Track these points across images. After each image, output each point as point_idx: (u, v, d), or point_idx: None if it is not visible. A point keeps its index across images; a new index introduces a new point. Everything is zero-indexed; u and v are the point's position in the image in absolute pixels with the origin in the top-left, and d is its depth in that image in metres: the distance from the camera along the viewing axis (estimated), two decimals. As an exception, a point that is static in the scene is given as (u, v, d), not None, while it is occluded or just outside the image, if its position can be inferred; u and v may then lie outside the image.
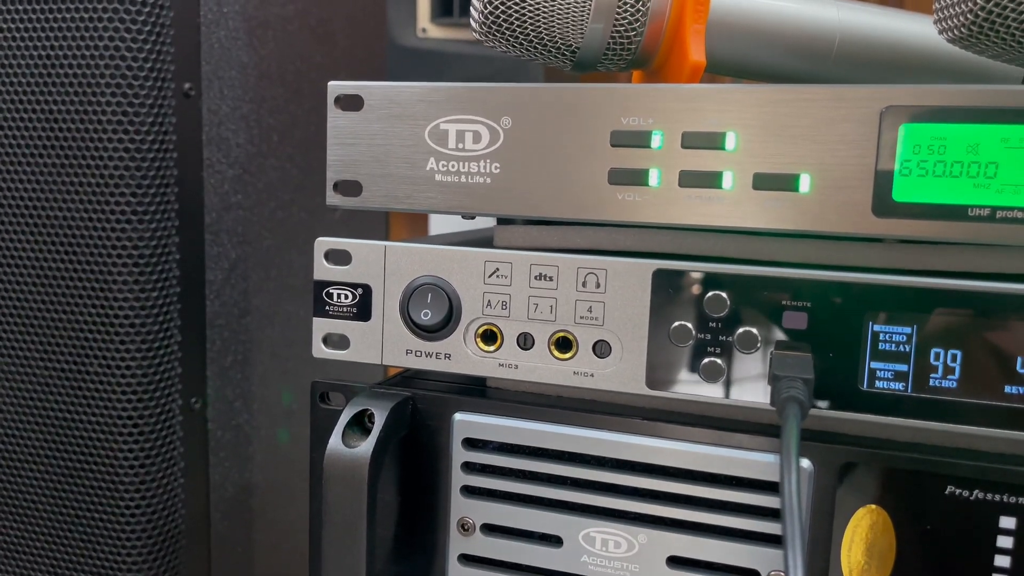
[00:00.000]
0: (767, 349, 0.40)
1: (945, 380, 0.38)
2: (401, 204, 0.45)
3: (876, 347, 0.39)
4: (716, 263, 0.41)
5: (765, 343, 0.40)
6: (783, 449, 0.31)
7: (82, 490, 0.67)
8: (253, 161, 0.77)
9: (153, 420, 0.67)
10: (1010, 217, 0.37)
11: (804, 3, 0.47)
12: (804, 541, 0.29)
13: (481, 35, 0.46)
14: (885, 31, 0.48)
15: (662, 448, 0.42)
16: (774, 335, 0.40)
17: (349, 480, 0.41)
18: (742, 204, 0.40)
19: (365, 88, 0.45)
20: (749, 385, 0.40)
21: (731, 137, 0.39)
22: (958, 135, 0.37)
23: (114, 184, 0.63)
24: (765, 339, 0.40)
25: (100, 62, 0.62)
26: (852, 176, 0.38)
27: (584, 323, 0.43)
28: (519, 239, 0.46)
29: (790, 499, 0.30)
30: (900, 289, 0.38)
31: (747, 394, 0.40)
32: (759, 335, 0.40)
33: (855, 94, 0.38)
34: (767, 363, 0.40)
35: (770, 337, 0.40)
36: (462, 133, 0.43)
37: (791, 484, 0.30)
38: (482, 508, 0.45)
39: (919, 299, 0.38)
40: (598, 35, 0.44)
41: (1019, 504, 0.38)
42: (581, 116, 0.41)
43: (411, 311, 0.45)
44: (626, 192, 0.41)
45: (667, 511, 0.42)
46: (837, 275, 0.39)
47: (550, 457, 0.44)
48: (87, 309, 0.65)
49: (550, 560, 0.44)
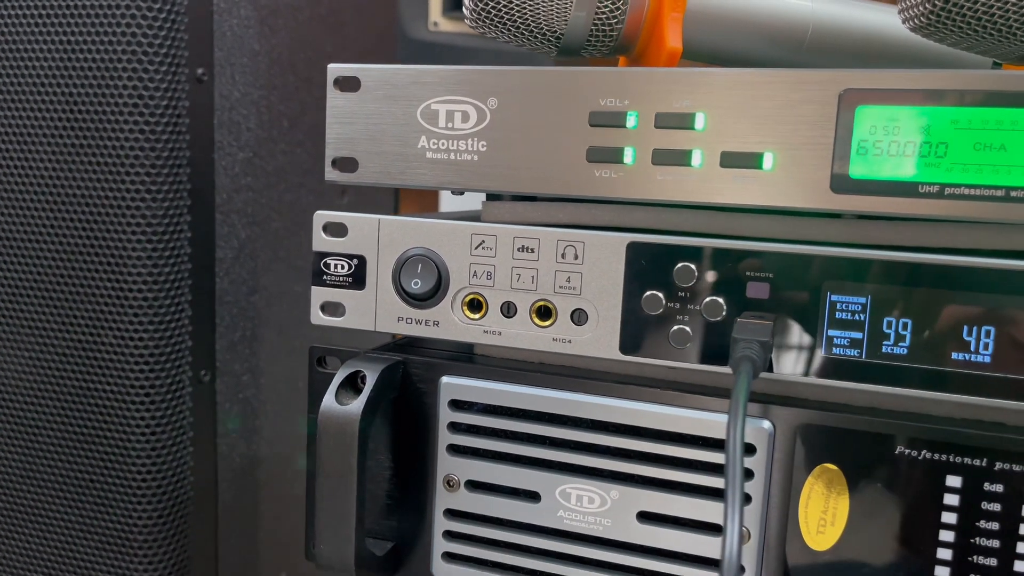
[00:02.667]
0: (733, 317, 0.43)
1: (897, 347, 0.41)
2: (394, 180, 0.48)
3: (834, 316, 0.41)
4: (686, 236, 0.43)
5: (730, 311, 0.43)
6: (732, 402, 0.34)
7: (96, 455, 0.71)
8: (263, 145, 0.80)
9: (164, 390, 0.71)
10: (958, 194, 0.39)
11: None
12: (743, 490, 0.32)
13: (471, 22, 0.49)
14: (856, 21, 0.51)
15: (634, 410, 0.45)
16: (739, 304, 0.42)
17: (341, 435, 0.44)
18: (710, 181, 0.42)
19: (362, 70, 0.48)
20: (715, 351, 0.43)
21: (700, 118, 0.42)
22: (910, 116, 0.39)
23: (129, 164, 0.67)
24: (730, 308, 0.43)
25: (117, 47, 0.65)
26: (812, 155, 0.41)
27: (563, 292, 0.45)
28: (505, 214, 0.49)
29: (733, 450, 0.33)
30: (856, 261, 0.41)
31: (713, 359, 0.43)
32: (724, 304, 0.43)
33: (815, 78, 0.40)
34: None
35: (735, 306, 0.43)
36: (451, 113, 0.46)
37: (735, 435, 0.33)
38: (466, 466, 0.48)
39: (873, 271, 0.41)
40: (581, 23, 0.47)
41: (965, 464, 0.40)
42: (562, 97, 0.44)
43: (402, 280, 0.48)
44: (603, 169, 0.44)
45: (638, 469, 0.45)
46: (798, 248, 0.42)
47: (530, 418, 0.47)
48: (103, 283, 0.68)
49: (529, 515, 0.47)
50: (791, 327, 0.42)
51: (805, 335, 0.42)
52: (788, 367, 0.42)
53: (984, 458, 0.40)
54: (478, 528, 0.48)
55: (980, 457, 0.40)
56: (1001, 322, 0.39)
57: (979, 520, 0.40)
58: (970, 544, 0.40)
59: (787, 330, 0.42)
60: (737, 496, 0.31)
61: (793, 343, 0.42)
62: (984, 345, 0.39)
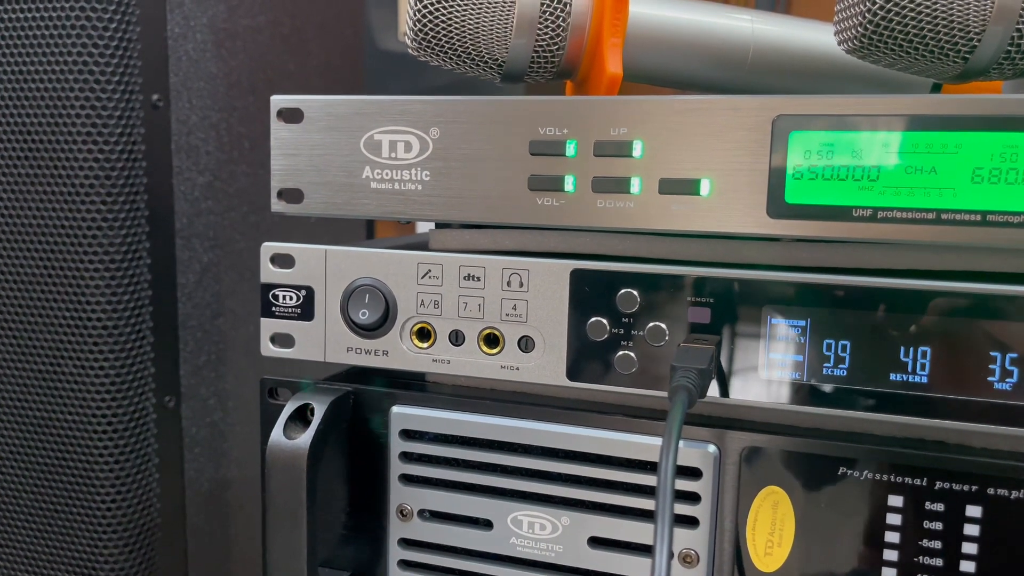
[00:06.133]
0: (676, 341, 0.43)
1: (836, 369, 0.41)
2: (340, 210, 0.48)
3: (774, 339, 0.42)
4: (629, 262, 0.44)
5: (673, 336, 0.43)
6: (665, 432, 0.34)
7: (59, 486, 0.70)
8: (224, 168, 0.80)
9: (127, 418, 0.70)
10: (891, 217, 0.39)
11: (719, 16, 0.50)
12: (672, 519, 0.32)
13: (414, 50, 0.49)
14: (798, 41, 0.51)
15: (582, 436, 0.45)
16: (681, 329, 0.43)
17: (289, 469, 0.44)
18: (650, 207, 0.43)
19: (304, 102, 0.48)
20: (659, 376, 0.43)
21: (638, 145, 0.42)
22: (843, 141, 0.40)
23: (84, 192, 0.66)
24: (673, 333, 0.43)
25: (69, 76, 0.65)
26: (748, 180, 0.41)
27: (510, 320, 0.46)
28: (453, 242, 0.49)
29: (664, 478, 0.33)
30: (794, 285, 0.41)
31: (659, 384, 0.43)
32: (667, 329, 0.43)
33: (749, 104, 0.41)
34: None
35: (678, 331, 0.43)
36: (394, 143, 0.46)
37: (667, 464, 0.33)
38: (419, 495, 0.48)
39: (812, 294, 0.41)
40: (521, 49, 0.47)
41: (906, 484, 0.40)
42: (502, 126, 0.44)
43: (350, 311, 0.47)
44: (545, 197, 0.44)
45: (588, 495, 0.45)
46: (737, 273, 0.42)
47: (480, 446, 0.47)
48: (61, 312, 0.68)
49: (482, 542, 0.47)
50: (733, 351, 0.42)
51: (747, 358, 0.42)
52: (731, 391, 0.42)
53: (925, 477, 0.40)
54: (432, 557, 0.48)
55: (921, 477, 0.40)
56: (937, 343, 0.39)
57: (921, 539, 0.40)
58: (913, 563, 0.40)
59: (729, 354, 0.42)
60: (667, 526, 0.31)
61: (735, 367, 0.42)
62: (921, 365, 0.40)
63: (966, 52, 0.41)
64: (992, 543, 0.39)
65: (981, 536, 0.39)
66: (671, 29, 0.50)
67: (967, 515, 0.40)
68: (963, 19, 0.41)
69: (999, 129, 0.38)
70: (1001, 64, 0.42)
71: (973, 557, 0.40)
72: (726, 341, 0.42)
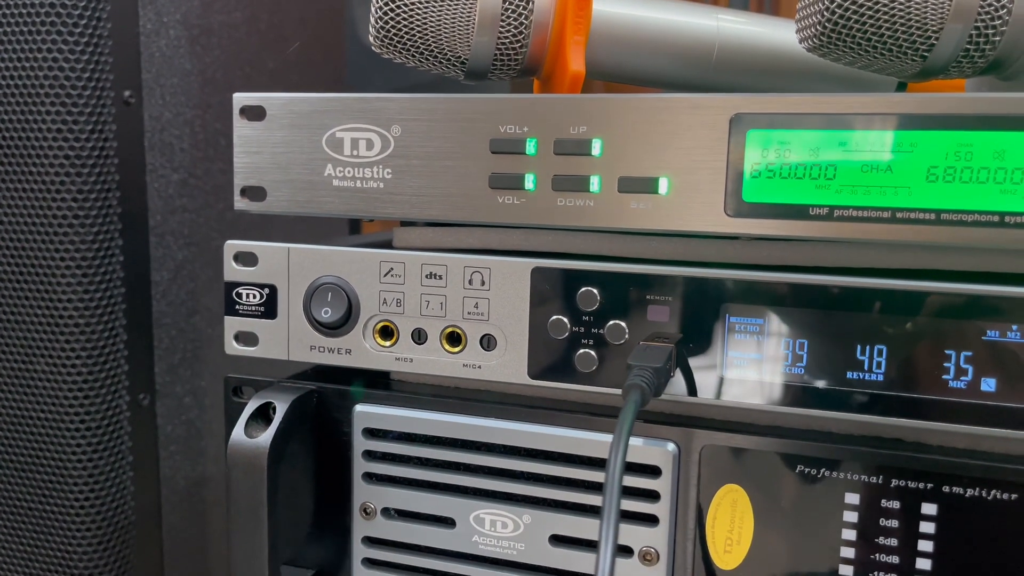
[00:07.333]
0: (636, 340, 0.43)
1: (795, 367, 0.41)
2: (303, 208, 0.47)
3: (733, 337, 0.42)
4: (589, 261, 0.44)
5: (633, 335, 0.43)
6: (616, 430, 0.34)
7: (32, 485, 0.70)
8: (199, 165, 0.79)
9: (100, 416, 0.70)
10: (847, 216, 0.39)
11: (684, 14, 0.50)
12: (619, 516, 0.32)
13: (377, 48, 0.48)
14: (763, 39, 0.51)
15: (544, 434, 0.45)
16: (641, 327, 0.43)
17: (250, 468, 0.44)
18: (609, 206, 0.43)
19: (266, 99, 0.47)
20: (619, 374, 0.43)
21: (597, 144, 0.42)
22: (800, 140, 0.40)
23: (55, 190, 0.66)
24: (633, 331, 0.43)
25: (39, 72, 0.65)
26: (707, 179, 0.41)
27: (472, 318, 0.45)
28: (417, 240, 0.49)
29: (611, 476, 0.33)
30: (752, 283, 0.41)
31: (618, 382, 0.43)
32: (627, 327, 0.43)
33: (707, 103, 0.41)
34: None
35: (638, 329, 0.43)
36: (356, 141, 0.46)
37: (615, 461, 0.33)
38: (382, 493, 0.48)
39: (770, 292, 0.41)
40: (484, 47, 0.47)
41: (863, 482, 0.40)
42: (463, 124, 0.44)
43: (313, 309, 0.47)
44: (505, 195, 0.44)
45: (549, 493, 0.45)
46: (696, 271, 0.42)
47: (443, 444, 0.47)
48: (33, 310, 0.68)
49: (445, 541, 0.47)
50: (692, 349, 0.42)
51: (706, 357, 0.42)
52: (690, 388, 0.42)
53: (882, 475, 0.40)
54: (396, 555, 0.48)
55: (878, 474, 0.40)
56: (892, 341, 0.39)
57: (878, 536, 0.40)
58: (870, 560, 0.40)
59: (688, 352, 0.42)
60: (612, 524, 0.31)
61: (695, 365, 0.42)
62: (877, 364, 0.40)
63: (924, 51, 0.41)
64: (947, 541, 0.39)
65: (937, 534, 0.39)
66: (635, 27, 0.50)
67: (923, 513, 0.40)
68: (921, 17, 0.41)
69: (954, 128, 0.38)
70: (960, 62, 0.42)
71: (929, 555, 0.40)
72: (686, 339, 0.42)
